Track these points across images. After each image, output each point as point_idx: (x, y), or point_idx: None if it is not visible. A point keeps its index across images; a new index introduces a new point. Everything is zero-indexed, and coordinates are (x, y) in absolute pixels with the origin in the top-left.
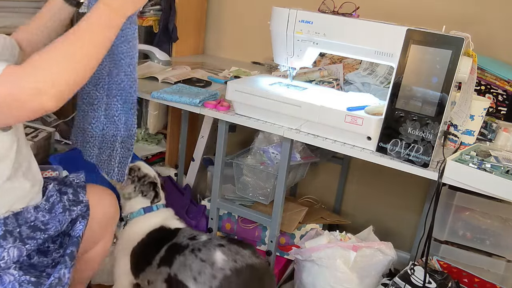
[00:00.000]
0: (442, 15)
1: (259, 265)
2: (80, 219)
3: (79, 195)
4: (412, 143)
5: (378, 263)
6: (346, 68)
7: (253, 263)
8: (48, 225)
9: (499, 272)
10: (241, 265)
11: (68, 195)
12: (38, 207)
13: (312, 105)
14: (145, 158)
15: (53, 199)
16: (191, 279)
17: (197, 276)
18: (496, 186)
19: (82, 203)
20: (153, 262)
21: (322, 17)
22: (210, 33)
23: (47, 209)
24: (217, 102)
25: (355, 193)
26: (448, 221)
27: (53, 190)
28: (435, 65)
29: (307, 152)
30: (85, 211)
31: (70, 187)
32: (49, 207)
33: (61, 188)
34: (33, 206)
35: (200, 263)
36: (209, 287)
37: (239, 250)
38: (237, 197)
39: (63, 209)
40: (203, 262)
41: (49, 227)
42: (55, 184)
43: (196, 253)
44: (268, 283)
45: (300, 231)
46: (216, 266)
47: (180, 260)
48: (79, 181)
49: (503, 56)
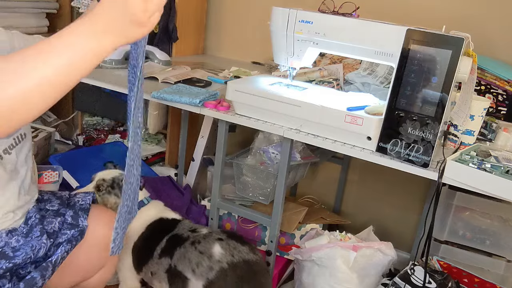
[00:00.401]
0: (442, 15)
1: (255, 262)
2: (64, 244)
3: (79, 218)
4: (412, 143)
5: (378, 263)
6: (346, 68)
7: (250, 259)
8: (18, 251)
9: (499, 272)
10: (237, 259)
11: (66, 217)
12: (15, 230)
13: (312, 105)
14: (145, 158)
15: (31, 222)
16: (190, 270)
17: (195, 268)
18: (496, 186)
19: (77, 227)
20: (155, 253)
21: (322, 17)
22: (210, 33)
23: (24, 233)
24: (217, 102)
25: (355, 193)
26: (448, 221)
27: (33, 211)
28: (435, 65)
29: (307, 152)
30: (76, 236)
31: (71, 209)
32: (27, 231)
33: (59, 209)
34: (7, 230)
35: (199, 255)
36: (206, 278)
37: (237, 246)
38: (237, 197)
39: (40, 232)
40: (201, 254)
41: (18, 254)
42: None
43: (196, 245)
44: (263, 280)
45: (300, 231)
46: (213, 258)
47: (181, 251)
48: (84, 203)
49: (503, 56)
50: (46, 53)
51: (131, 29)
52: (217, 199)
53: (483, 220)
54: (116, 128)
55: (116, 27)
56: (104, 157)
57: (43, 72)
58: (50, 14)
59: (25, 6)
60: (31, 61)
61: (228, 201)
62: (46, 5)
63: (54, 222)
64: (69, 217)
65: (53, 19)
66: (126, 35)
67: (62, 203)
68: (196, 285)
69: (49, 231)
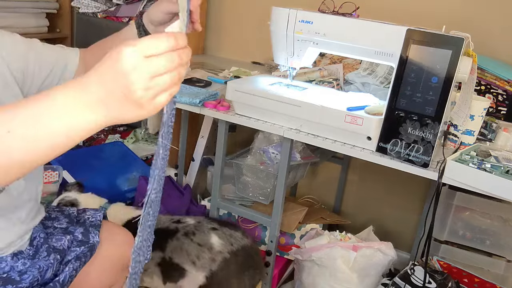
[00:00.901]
0: (442, 15)
1: (250, 246)
2: (72, 261)
3: (90, 235)
4: (412, 143)
5: (378, 263)
6: (346, 68)
7: (246, 244)
8: (25, 274)
9: (499, 272)
10: (237, 247)
11: (76, 234)
12: (21, 253)
13: (312, 105)
14: (145, 158)
15: (36, 242)
16: (189, 263)
17: (195, 260)
18: (496, 186)
19: (87, 244)
20: None
21: (322, 17)
22: (210, 33)
23: (30, 255)
24: (217, 102)
25: (355, 193)
26: (448, 221)
27: (37, 230)
28: (435, 65)
29: (307, 152)
30: (85, 252)
31: (81, 226)
32: (33, 252)
33: (68, 227)
34: (12, 254)
35: (197, 247)
36: (209, 270)
37: (232, 233)
38: (237, 197)
39: (47, 252)
40: (200, 246)
41: (25, 277)
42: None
43: (191, 237)
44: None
45: (300, 231)
46: (214, 250)
47: (174, 244)
48: (95, 219)
49: (503, 56)
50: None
51: (123, 107)
52: (217, 199)
53: (483, 220)
54: (116, 128)
55: (106, 103)
56: (104, 157)
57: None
58: (50, 14)
59: (25, 6)
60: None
61: (228, 201)
62: (46, 5)
63: (63, 240)
64: (79, 234)
65: (53, 19)
66: (117, 116)
67: (70, 221)
68: (196, 276)
69: (58, 248)
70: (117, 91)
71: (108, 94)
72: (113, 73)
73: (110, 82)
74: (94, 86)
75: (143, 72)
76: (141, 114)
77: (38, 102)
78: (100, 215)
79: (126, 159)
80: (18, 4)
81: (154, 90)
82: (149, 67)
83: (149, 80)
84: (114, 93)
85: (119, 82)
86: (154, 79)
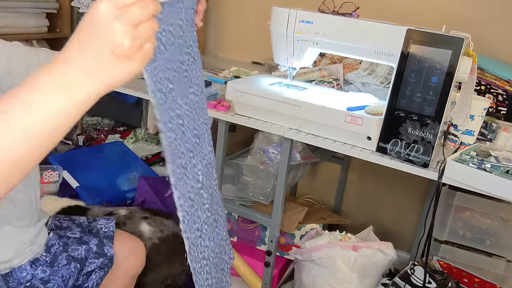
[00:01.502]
0: (442, 15)
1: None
2: (97, 270)
3: (105, 247)
4: (412, 143)
5: (378, 263)
6: (346, 68)
7: (177, 231)
8: (49, 283)
9: (499, 272)
10: (167, 234)
11: (90, 245)
12: (38, 260)
13: (312, 105)
14: (145, 158)
15: (55, 249)
16: None
17: None
18: (496, 186)
19: (105, 256)
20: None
21: (322, 17)
22: (210, 33)
23: (48, 262)
24: (217, 102)
25: (355, 193)
26: (448, 221)
27: (54, 238)
28: (435, 65)
29: (307, 152)
30: (106, 263)
31: (96, 237)
32: (51, 259)
33: (82, 237)
34: (30, 262)
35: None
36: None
37: (163, 221)
38: (237, 197)
39: (67, 260)
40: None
41: (50, 285)
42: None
43: (122, 228)
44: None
45: (300, 231)
46: (144, 236)
47: None
48: (108, 230)
49: (503, 56)
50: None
51: (112, 68)
52: None
53: (483, 220)
54: (116, 128)
55: (92, 71)
56: (104, 157)
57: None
58: (50, 14)
59: (25, 6)
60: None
61: (228, 201)
62: (46, 5)
63: (79, 249)
64: (94, 245)
65: (53, 19)
66: (108, 80)
67: (83, 231)
68: None
69: (77, 257)
70: (104, 50)
71: (95, 60)
72: (95, 33)
73: (95, 44)
74: (77, 58)
75: (125, 20)
76: (132, 69)
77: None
78: (112, 225)
79: (126, 159)
80: (18, 4)
81: (140, 39)
82: (128, 15)
83: (133, 29)
84: (102, 55)
85: (103, 39)
86: (137, 27)
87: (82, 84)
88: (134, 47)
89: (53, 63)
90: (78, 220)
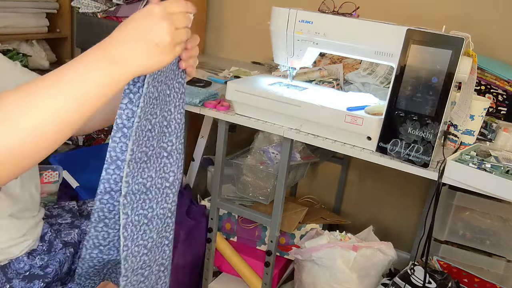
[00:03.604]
0: (442, 15)
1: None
2: None
3: None
4: (412, 143)
5: (378, 263)
6: (346, 68)
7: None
8: (47, 268)
9: (499, 272)
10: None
11: (82, 228)
12: (34, 251)
13: (312, 105)
14: None
15: (48, 237)
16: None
17: None
18: (496, 186)
19: None
20: None
21: (322, 17)
22: (210, 33)
23: (45, 250)
24: (217, 102)
25: (355, 193)
26: (448, 221)
27: (46, 227)
28: (435, 65)
29: (307, 152)
30: None
31: (87, 219)
32: (47, 247)
33: (73, 221)
34: (27, 254)
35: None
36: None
37: None
38: (237, 197)
39: (62, 244)
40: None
41: (48, 270)
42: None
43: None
44: None
45: (300, 231)
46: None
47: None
48: None
49: (503, 56)
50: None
51: (153, 57)
52: (217, 199)
53: (483, 220)
54: None
55: (136, 54)
56: (104, 157)
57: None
58: (50, 14)
59: (25, 6)
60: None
61: (228, 201)
62: (46, 5)
63: (72, 234)
64: (86, 227)
65: (53, 19)
66: (146, 64)
67: (74, 215)
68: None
69: (70, 242)
70: (150, 40)
71: (142, 46)
72: (147, 25)
73: (144, 34)
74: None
75: (171, 23)
76: (164, 60)
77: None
78: None
79: None
80: (18, 4)
81: (176, 40)
82: (174, 20)
83: (175, 30)
84: (148, 44)
85: (152, 31)
86: (177, 30)
87: (127, 63)
88: (172, 45)
89: (104, 43)
90: (68, 205)
